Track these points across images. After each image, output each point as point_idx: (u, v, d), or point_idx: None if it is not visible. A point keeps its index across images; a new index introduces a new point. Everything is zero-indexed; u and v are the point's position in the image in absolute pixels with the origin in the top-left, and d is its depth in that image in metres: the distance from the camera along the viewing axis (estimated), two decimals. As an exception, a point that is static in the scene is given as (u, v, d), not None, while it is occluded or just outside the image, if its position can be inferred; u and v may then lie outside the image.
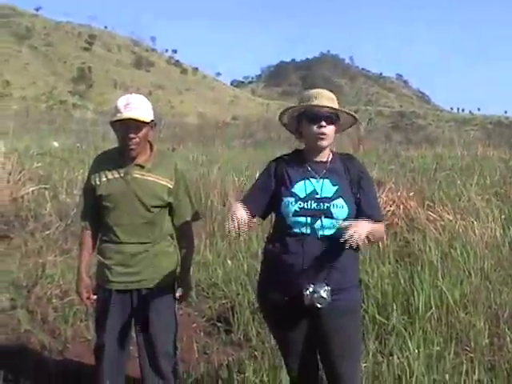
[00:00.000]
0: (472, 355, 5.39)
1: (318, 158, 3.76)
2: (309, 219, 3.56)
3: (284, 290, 3.63)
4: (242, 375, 5.20)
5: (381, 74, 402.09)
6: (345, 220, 3.56)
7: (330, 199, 3.60)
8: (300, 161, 3.78)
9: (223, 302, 7.14)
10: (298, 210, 3.58)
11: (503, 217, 9.70)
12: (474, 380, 4.86)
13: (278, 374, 5.00)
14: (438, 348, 5.38)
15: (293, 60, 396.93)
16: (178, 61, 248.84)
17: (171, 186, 4.27)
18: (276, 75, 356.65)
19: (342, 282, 3.60)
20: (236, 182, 13.06)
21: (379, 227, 3.70)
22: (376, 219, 3.66)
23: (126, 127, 4.05)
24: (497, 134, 51.34)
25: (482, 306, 6.26)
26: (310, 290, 3.47)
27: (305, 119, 3.72)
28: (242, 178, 13.63)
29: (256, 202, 3.75)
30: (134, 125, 4.04)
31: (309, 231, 3.56)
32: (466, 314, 6.13)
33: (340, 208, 3.59)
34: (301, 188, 3.64)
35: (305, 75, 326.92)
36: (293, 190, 3.64)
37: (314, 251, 3.54)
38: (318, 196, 3.61)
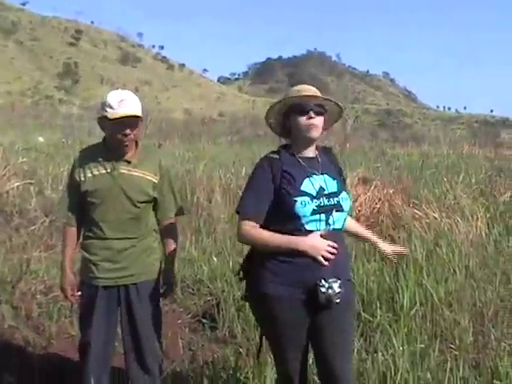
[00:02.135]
0: (456, 353, 5.40)
1: (308, 154, 3.76)
2: (323, 216, 3.58)
3: (295, 288, 3.58)
4: (227, 372, 5.20)
5: (367, 71, 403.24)
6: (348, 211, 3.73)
7: (337, 193, 3.66)
8: (292, 158, 3.74)
9: (208, 298, 7.14)
10: (315, 208, 3.56)
11: (488, 215, 9.75)
12: (459, 377, 4.86)
13: (262, 370, 4.98)
14: (423, 345, 5.39)
15: (279, 57, 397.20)
16: (164, 57, 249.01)
17: (156, 181, 4.28)
18: (263, 72, 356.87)
19: (345, 275, 3.64)
20: (222, 179, 13.03)
21: None
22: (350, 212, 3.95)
23: (122, 124, 4.03)
24: (483, 133, 51.55)
25: (467, 304, 6.28)
26: (326, 285, 3.45)
27: (293, 113, 3.70)
28: (228, 174, 13.60)
29: (263, 212, 3.70)
30: (130, 122, 4.05)
31: (323, 227, 3.58)
32: (451, 311, 6.14)
33: (346, 200, 3.69)
34: (309, 186, 3.62)
35: (291, 72, 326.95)
36: (302, 189, 3.60)
37: None
38: (326, 192, 3.63)
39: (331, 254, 3.51)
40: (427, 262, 7.24)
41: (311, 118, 3.66)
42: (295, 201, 3.56)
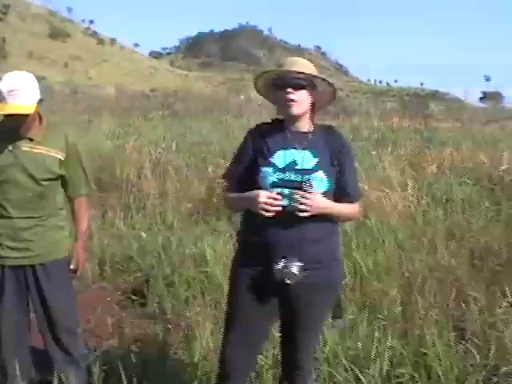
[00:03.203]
0: (385, 323, 5.45)
1: (298, 128, 3.60)
2: (287, 191, 3.39)
3: (256, 263, 3.52)
4: (156, 348, 5.17)
5: (299, 45, 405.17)
6: (324, 193, 3.43)
7: (311, 171, 3.45)
8: (280, 130, 3.61)
9: (138, 275, 7.06)
10: (276, 180, 3.42)
11: (417, 187, 9.86)
12: (387, 347, 4.92)
13: (192, 346, 4.98)
14: (353, 316, 5.43)
15: (211, 31, 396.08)
16: (95, 31, 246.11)
17: (62, 158, 4.15)
18: (194, 46, 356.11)
19: (319, 256, 3.50)
20: (152, 154, 12.89)
21: (347, 209, 3.64)
22: (352, 198, 3.65)
23: (11, 120, 3.89)
24: (413, 105, 52.02)
25: (395, 275, 6.34)
26: (281, 264, 3.37)
27: (274, 87, 3.58)
28: (158, 149, 13.45)
29: (241, 178, 3.63)
30: (19, 118, 3.90)
31: (287, 203, 3.39)
32: (379, 282, 6.19)
33: (320, 181, 3.44)
34: (280, 158, 3.49)
35: (223, 46, 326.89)
36: (271, 160, 3.48)
37: (291, 223, 3.41)
38: (298, 167, 3.46)
39: (274, 206, 3.34)
40: (356, 234, 7.29)
41: (288, 92, 3.49)
42: (260, 171, 3.48)
